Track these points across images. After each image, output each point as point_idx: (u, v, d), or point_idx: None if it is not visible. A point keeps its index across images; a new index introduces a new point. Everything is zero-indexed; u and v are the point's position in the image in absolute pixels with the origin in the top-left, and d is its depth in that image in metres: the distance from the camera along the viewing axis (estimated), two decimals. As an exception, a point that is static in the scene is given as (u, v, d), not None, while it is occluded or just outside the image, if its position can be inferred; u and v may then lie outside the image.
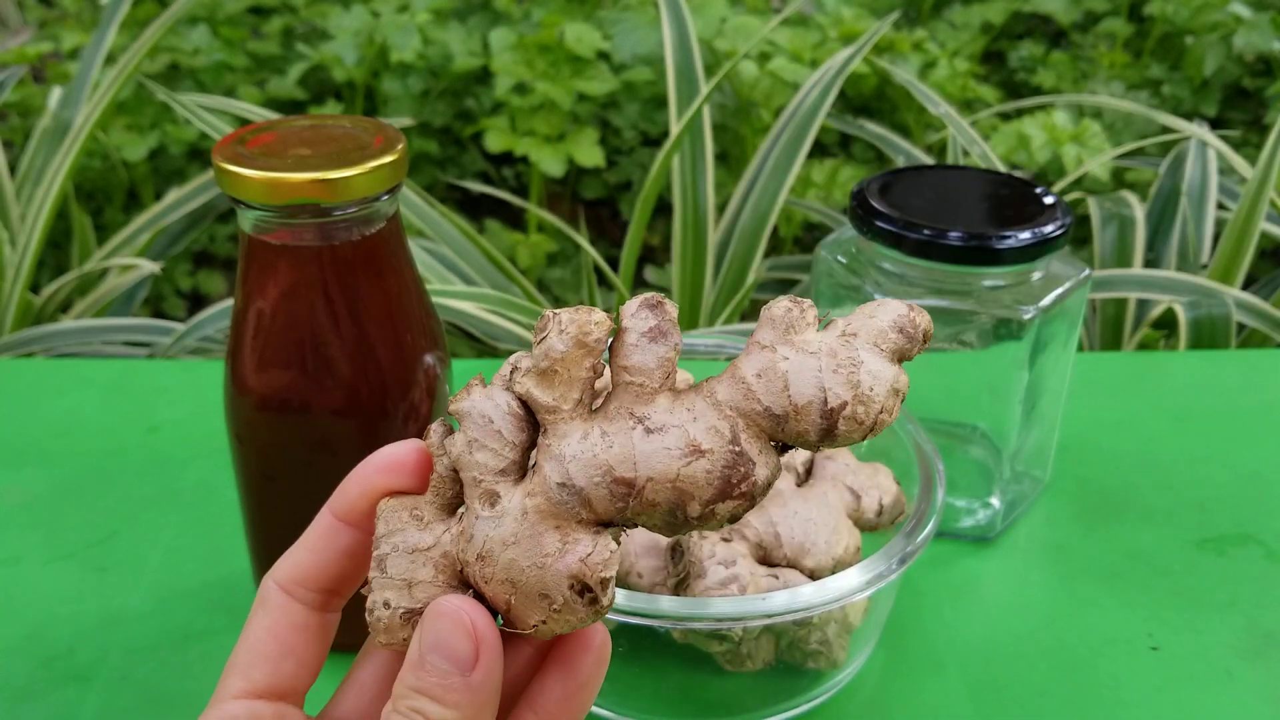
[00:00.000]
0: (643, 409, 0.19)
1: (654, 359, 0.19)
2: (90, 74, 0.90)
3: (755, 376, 0.19)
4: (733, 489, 0.18)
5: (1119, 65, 1.11)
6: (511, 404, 0.19)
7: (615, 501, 0.18)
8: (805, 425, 0.18)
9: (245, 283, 0.30)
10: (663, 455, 0.18)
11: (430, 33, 1.02)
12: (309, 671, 0.21)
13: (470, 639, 0.19)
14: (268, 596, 0.21)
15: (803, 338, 0.19)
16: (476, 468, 0.19)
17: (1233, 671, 0.34)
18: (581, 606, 0.19)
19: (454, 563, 0.19)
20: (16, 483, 0.42)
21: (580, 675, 0.20)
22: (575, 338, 0.19)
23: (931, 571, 0.38)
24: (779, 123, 0.84)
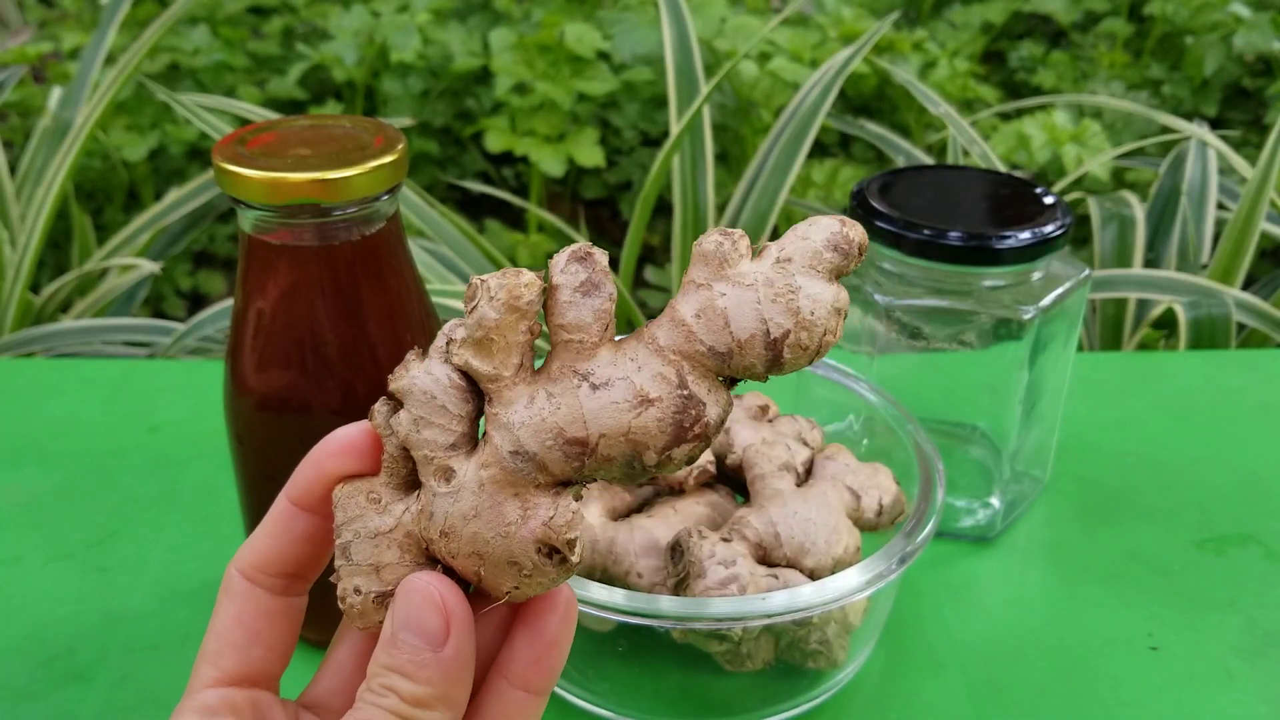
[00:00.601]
0: (585, 365, 0.18)
1: (589, 313, 0.19)
2: (90, 74, 0.90)
3: (694, 317, 0.18)
4: (686, 433, 0.18)
5: (1119, 65, 1.11)
6: (452, 376, 0.19)
7: (570, 462, 0.18)
8: (751, 359, 0.18)
9: (245, 283, 0.30)
10: (611, 410, 0.18)
11: (430, 33, 1.02)
12: (279, 656, 0.21)
13: (441, 614, 0.19)
14: (231, 585, 0.21)
15: (737, 270, 0.19)
16: (426, 445, 0.19)
17: (1232, 671, 0.34)
18: (552, 568, 0.19)
19: (418, 541, 0.19)
20: (16, 483, 0.42)
21: (548, 635, 0.20)
22: (506, 303, 0.18)
23: (931, 571, 0.38)
24: (779, 123, 0.84)
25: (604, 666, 0.32)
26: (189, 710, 0.21)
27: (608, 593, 0.29)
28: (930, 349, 0.37)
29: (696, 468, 0.33)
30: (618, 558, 0.31)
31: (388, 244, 0.30)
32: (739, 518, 0.31)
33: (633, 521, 0.32)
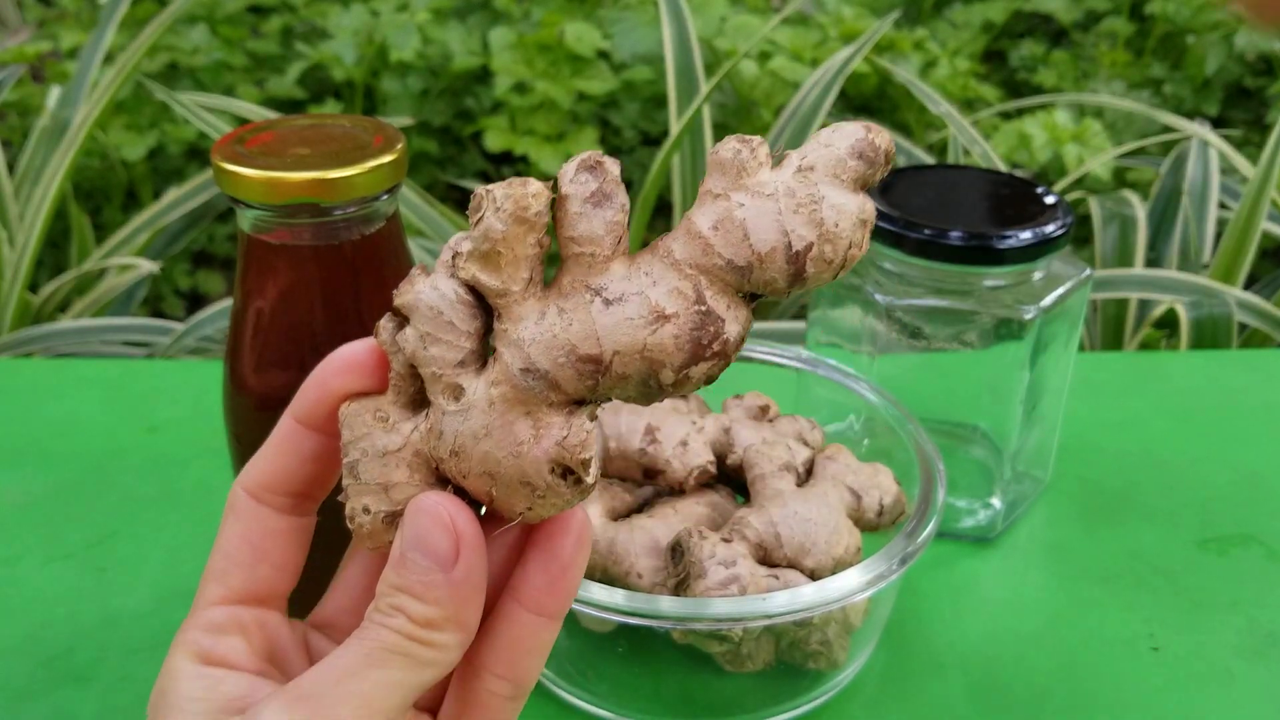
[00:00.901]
0: (598, 279, 0.18)
1: (601, 225, 0.18)
2: (89, 73, 0.90)
3: (712, 229, 0.17)
4: (704, 350, 0.17)
5: (1120, 64, 1.11)
6: (459, 291, 0.18)
7: (584, 380, 0.18)
8: (772, 273, 0.17)
9: (244, 282, 0.30)
10: (626, 326, 0.17)
11: (430, 32, 1.02)
12: (287, 576, 0.21)
13: (450, 535, 0.18)
14: (236, 503, 0.21)
15: (756, 180, 0.17)
16: (434, 362, 0.18)
17: (1234, 672, 0.34)
18: (566, 489, 0.18)
19: (427, 460, 0.19)
20: (15, 483, 0.42)
21: (562, 558, 0.19)
22: (513, 214, 0.17)
23: (932, 572, 0.38)
24: (779, 122, 0.84)
25: (604, 667, 0.32)
26: (195, 628, 0.20)
27: (608, 593, 0.29)
28: (931, 349, 0.37)
29: (696, 468, 0.33)
30: (618, 558, 0.31)
31: (387, 244, 0.30)
32: (739, 518, 0.31)
33: (633, 522, 0.32)
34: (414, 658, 0.18)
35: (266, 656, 0.21)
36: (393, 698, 0.18)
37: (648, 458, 0.33)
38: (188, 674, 0.20)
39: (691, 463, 0.33)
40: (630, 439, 0.33)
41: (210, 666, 0.20)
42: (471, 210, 0.18)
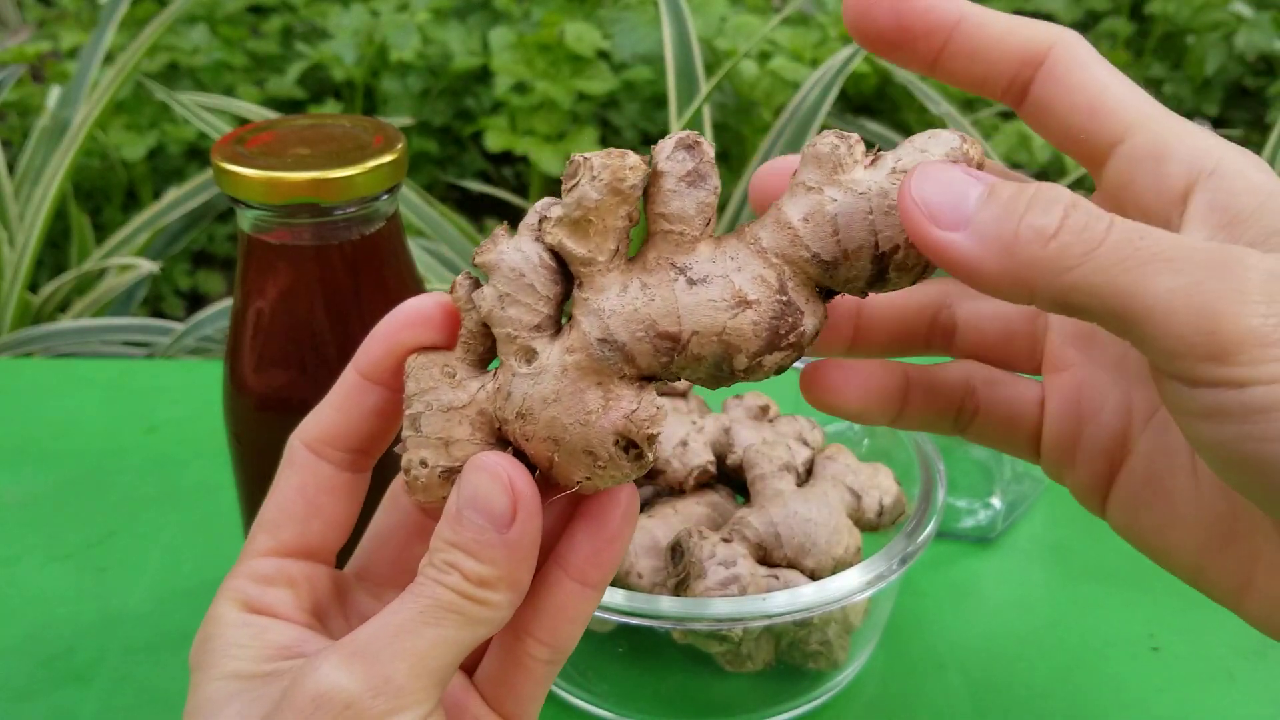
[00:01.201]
0: (684, 259, 0.18)
1: (693, 205, 0.18)
2: (89, 73, 0.90)
3: (802, 221, 0.18)
4: (780, 340, 0.18)
5: (1120, 64, 1.11)
6: (543, 255, 0.18)
7: (659, 356, 0.18)
8: (855, 272, 0.18)
9: (244, 282, 0.30)
10: (708, 308, 0.17)
11: (430, 32, 1.02)
12: (338, 531, 0.21)
13: (508, 495, 0.18)
14: (294, 456, 0.21)
15: (850, 177, 0.18)
16: (510, 323, 0.18)
17: (1234, 672, 0.34)
18: (626, 462, 0.18)
19: (490, 420, 0.19)
20: (15, 483, 0.42)
21: (609, 530, 0.20)
22: (609, 184, 0.17)
23: (932, 572, 0.38)
24: (779, 122, 0.84)
25: (604, 667, 0.32)
26: (243, 575, 0.20)
27: (608, 593, 0.29)
28: (931, 349, 0.37)
29: (696, 468, 0.33)
30: (618, 558, 0.31)
31: (387, 243, 0.30)
32: (739, 518, 0.31)
33: (633, 522, 0.32)
34: (467, 615, 0.18)
35: (312, 610, 0.21)
36: (446, 655, 0.18)
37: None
38: (233, 621, 0.20)
39: (691, 463, 0.33)
40: (630, 439, 0.33)
41: (256, 615, 0.20)
42: (566, 176, 0.18)
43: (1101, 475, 0.20)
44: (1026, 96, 0.19)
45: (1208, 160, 0.18)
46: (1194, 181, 0.18)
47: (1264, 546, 0.18)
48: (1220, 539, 0.19)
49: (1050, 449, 0.21)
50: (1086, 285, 0.16)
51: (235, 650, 0.19)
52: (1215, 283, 0.15)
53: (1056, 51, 0.19)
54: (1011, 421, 0.21)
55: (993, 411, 0.21)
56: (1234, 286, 0.15)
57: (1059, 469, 0.21)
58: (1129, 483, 0.20)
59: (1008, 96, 0.19)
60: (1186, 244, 0.16)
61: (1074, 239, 0.16)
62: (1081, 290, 0.16)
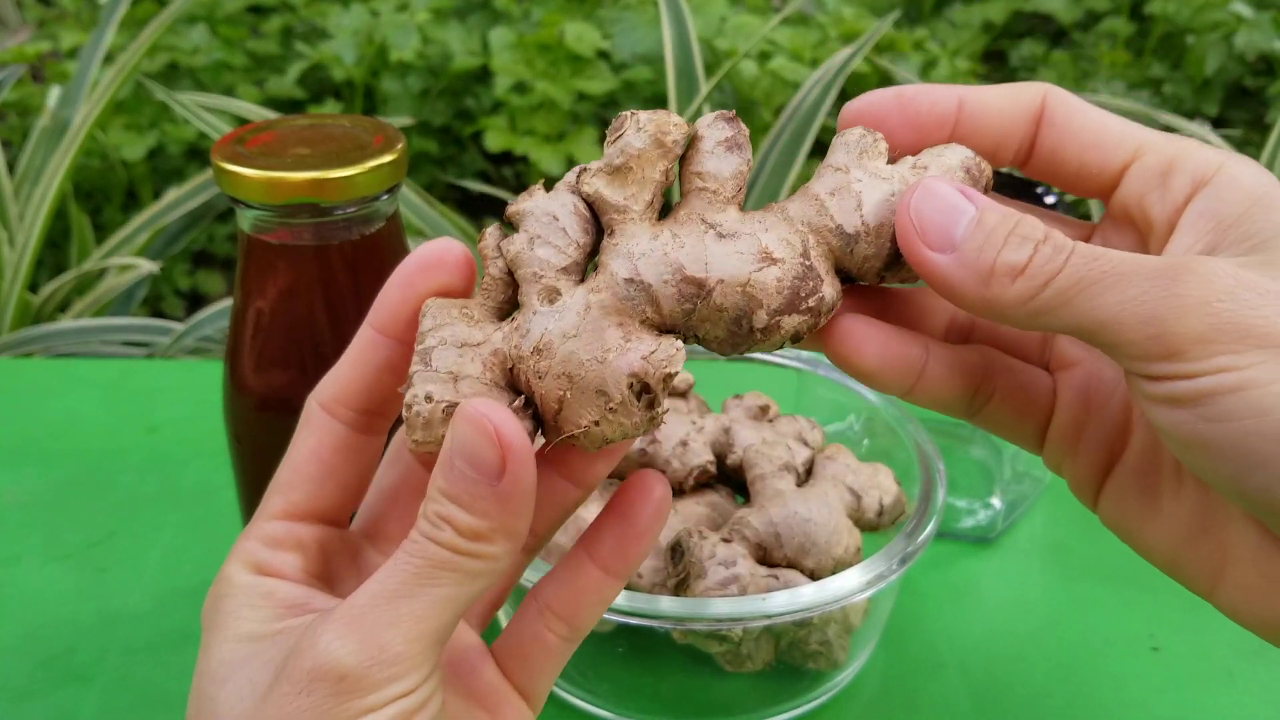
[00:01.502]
0: (715, 215, 0.18)
1: (729, 168, 0.19)
2: (89, 73, 0.90)
3: (829, 194, 0.19)
4: (801, 302, 0.18)
5: (1120, 64, 1.11)
6: (577, 204, 0.19)
7: (683, 302, 0.18)
8: (874, 249, 0.19)
9: (244, 282, 0.30)
10: (735, 259, 0.18)
11: (429, 32, 1.02)
12: (351, 493, 0.21)
13: (494, 446, 0.17)
14: (310, 416, 0.21)
15: (875, 164, 0.19)
16: (537, 263, 0.18)
17: (1234, 672, 0.34)
18: (637, 410, 0.18)
19: (504, 360, 0.18)
20: (15, 483, 0.42)
21: (639, 525, 0.20)
22: (654, 135, 0.18)
23: (932, 572, 0.38)
24: (779, 122, 0.84)
25: (604, 667, 0.32)
26: (253, 537, 0.20)
27: (608, 593, 0.29)
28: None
29: (696, 468, 0.33)
30: (618, 558, 0.31)
31: (387, 243, 0.30)
32: (739, 518, 0.31)
33: (633, 522, 0.32)
34: (463, 571, 0.18)
35: (320, 574, 0.21)
36: (444, 614, 0.18)
37: (647, 458, 0.33)
38: (243, 582, 0.20)
39: (691, 463, 0.33)
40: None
41: (265, 576, 0.20)
42: (612, 130, 0.19)
43: (1100, 466, 0.21)
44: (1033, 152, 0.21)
45: (1209, 170, 0.19)
46: (1195, 191, 0.19)
47: (1234, 539, 0.19)
48: (1196, 531, 0.20)
49: (1057, 438, 0.21)
50: (1047, 310, 0.18)
51: (246, 611, 0.19)
52: (1159, 292, 0.17)
53: (1050, 100, 0.20)
54: (1024, 409, 0.22)
55: (1009, 397, 0.22)
56: (1176, 293, 0.17)
57: (1060, 459, 0.22)
58: (1122, 475, 0.21)
59: (1019, 157, 0.21)
60: (1137, 259, 0.17)
61: (1038, 270, 0.18)
62: (1044, 314, 0.18)
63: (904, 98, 0.20)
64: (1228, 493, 0.18)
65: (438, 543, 0.18)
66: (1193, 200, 0.19)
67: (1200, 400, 0.17)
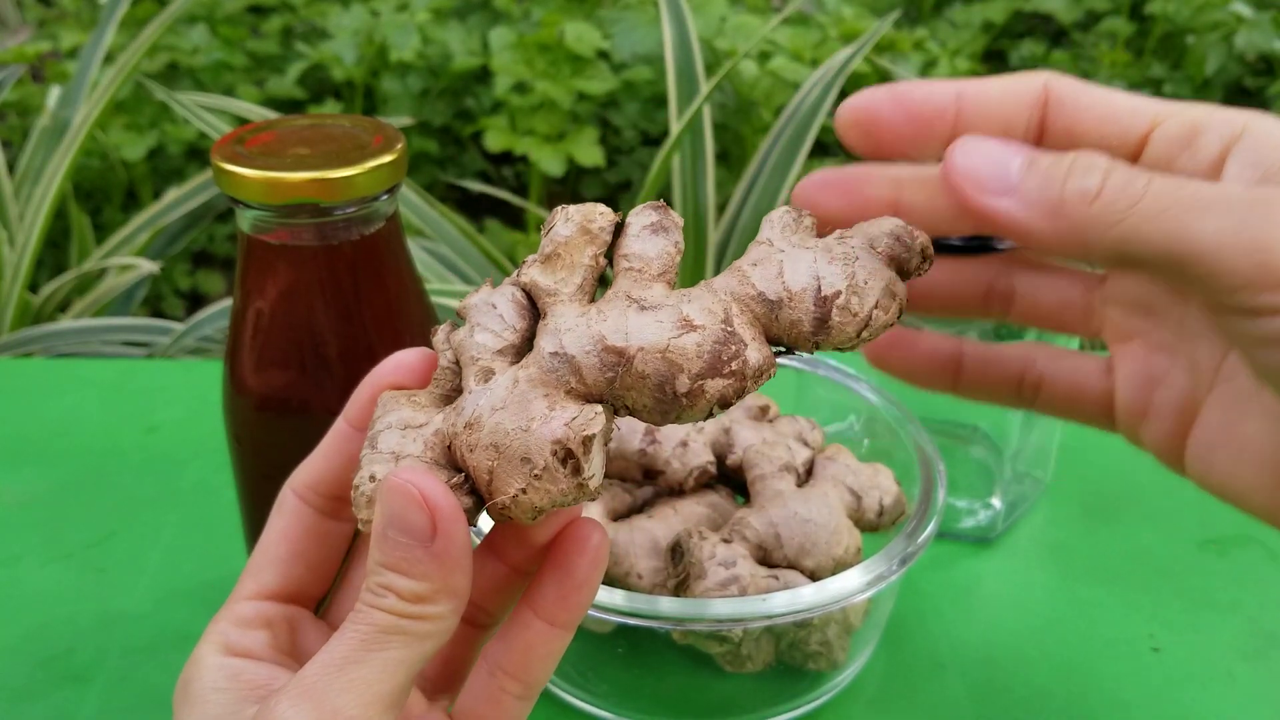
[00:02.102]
0: (640, 292, 0.19)
1: (654, 249, 0.20)
2: (89, 73, 0.90)
3: (751, 265, 0.19)
4: (723, 366, 0.18)
5: (1120, 64, 1.11)
6: (516, 293, 0.20)
7: (605, 371, 0.18)
8: (799, 314, 0.19)
9: (244, 282, 0.30)
10: (654, 327, 0.19)
11: (429, 32, 1.02)
12: (320, 577, 0.22)
13: (422, 510, 0.18)
14: (284, 502, 0.22)
15: (799, 237, 0.20)
16: (475, 348, 0.20)
17: (1234, 673, 0.34)
18: (563, 476, 0.18)
19: (444, 439, 0.19)
20: (15, 483, 0.42)
21: (577, 576, 0.20)
22: (580, 224, 0.20)
23: (932, 572, 0.38)
24: (780, 122, 0.84)
25: (604, 668, 0.32)
26: (224, 619, 0.21)
27: (608, 594, 0.29)
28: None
29: (696, 468, 0.33)
30: (618, 559, 0.31)
31: (387, 244, 0.30)
32: (739, 518, 0.31)
33: (633, 522, 0.32)
34: (410, 634, 0.18)
35: (289, 651, 0.21)
36: (395, 678, 0.18)
37: (647, 458, 0.33)
38: (211, 664, 0.20)
39: (691, 463, 0.33)
40: (630, 439, 0.33)
41: (233, 657, 0.20)
42: (545, 225, 0.20)
43: (1176, 433, 0.21)
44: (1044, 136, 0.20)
45: (1236, 127, 0.19)
46: (1228, 147, 0.19)
47: None
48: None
49: (1125, 413, 0.22)
50: (1136, 235, 0.17)
51: (213, 695, 0.20)
52: (1259, 219, 0.16)
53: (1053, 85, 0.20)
54: (1077, 391, 0.22)
55: (1057, 382, 0.22)
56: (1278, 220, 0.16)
57: (1135, 432, 0.22)
58: (1203, 434, 0.21)
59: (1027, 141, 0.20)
60: (1225, 189, 0.17)
61: (1118, 194, 0.17)
62: (1132, 240, 0.17)
63: (899, 92, 0.20)
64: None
65: (382, 609, 0.18)
66: (1231, 155, 0.18)
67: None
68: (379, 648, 0.18)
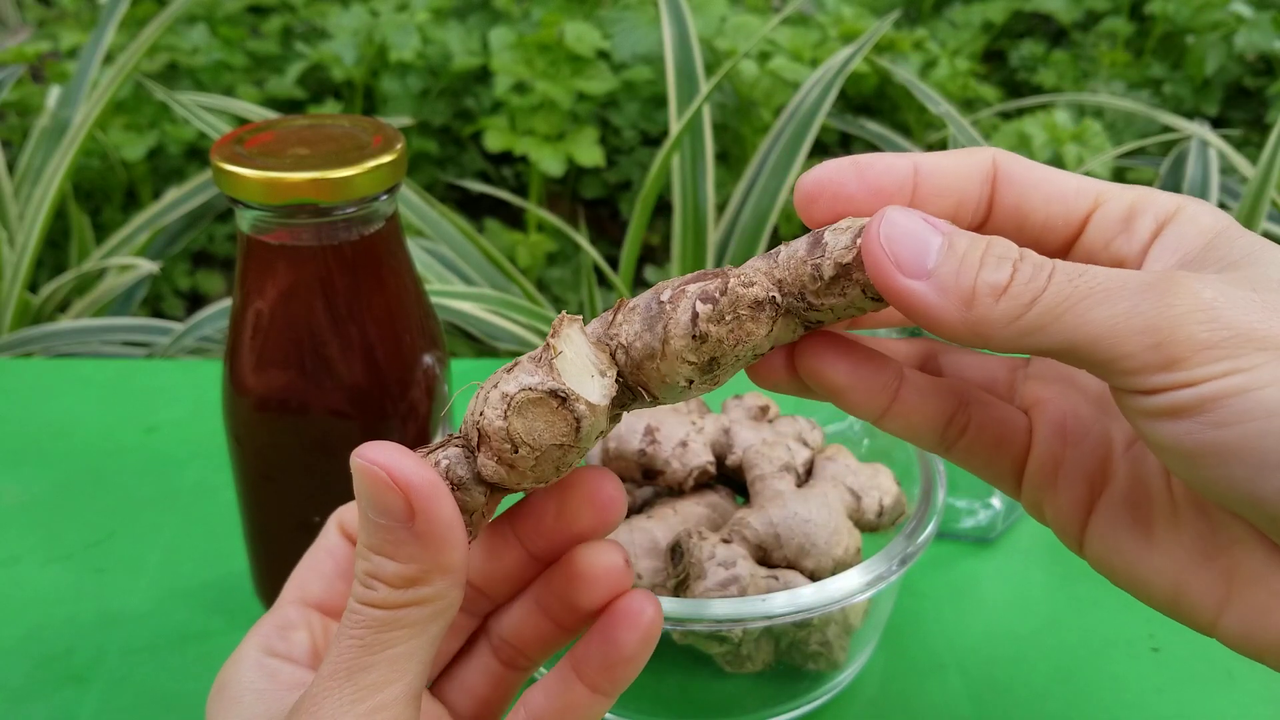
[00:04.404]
0: None
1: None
2: (89, 73, 0.90)
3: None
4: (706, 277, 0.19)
5: (1120, 64, 1.11)
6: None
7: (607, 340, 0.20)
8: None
9: (244, 283, 0.30)
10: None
11: (429, 32, 1.02)
12: None
13: (391, 491, 0.17)
14: (329, 532, 0.22)
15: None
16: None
17: (1233, 672, 0.34)
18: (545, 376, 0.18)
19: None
20: (15, 483, 0.42)
21: (625, 650, 0.20)
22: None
23: (932, 572, 0.38)
24: (779, 122, 0.84)
25: (604, 668, 0.32)
26: (267, 622, 0.21)
27: (607, 594, 0.29)
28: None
29: (696, 468, 0.33)
30: (617, 559, 0.31)
31: (386, 244, 0.30)
32: (739, 519, 0.31)
33: (632, 523, 0.32)
34: (409, 624, 0.18)
35: None
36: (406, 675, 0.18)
37: (647, 458, 0.33)
38: (251, 663, 0.20)
39: (691, 463, 0.33)
40: (630, 439, 0.33)
41: (274, 658, 0.20)
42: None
43: (1082, 502, 0.21)
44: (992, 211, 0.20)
45: (1171, 210, 0.19)
46: (1160, 229, 0.19)
47: (1243, 558, 0.19)
48: (1200, 556, 0.19)
49: (1034, 475, 0.21)
50: (1036, 328, 0.17)
51: (249, 696, 0.20)
52: (1153, 303, 0.17)
53: (1001, 161, 0.20)
54: (1000, 443, 0.21)
55: (984, 429, 0.21)
56: (1169, 303, 0.17)
57: (1040, 497, 0.21)
58: (1109, 509, 0.20)
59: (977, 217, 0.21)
60: (1122, 274, 0.17)
61: (1022, 289, 0.18)
62: (1032, 335, 0.17)
63: (861, 165, 0.20)
64: (1239, 503, 0.17)
65: (374, 604, 0.18)
66: (1159, 237, 0.19)
67: (1206, 407, 0.16)
68: (381, 647, 0.18)
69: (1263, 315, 0.16)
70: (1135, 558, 0.20)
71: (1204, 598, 0.20)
